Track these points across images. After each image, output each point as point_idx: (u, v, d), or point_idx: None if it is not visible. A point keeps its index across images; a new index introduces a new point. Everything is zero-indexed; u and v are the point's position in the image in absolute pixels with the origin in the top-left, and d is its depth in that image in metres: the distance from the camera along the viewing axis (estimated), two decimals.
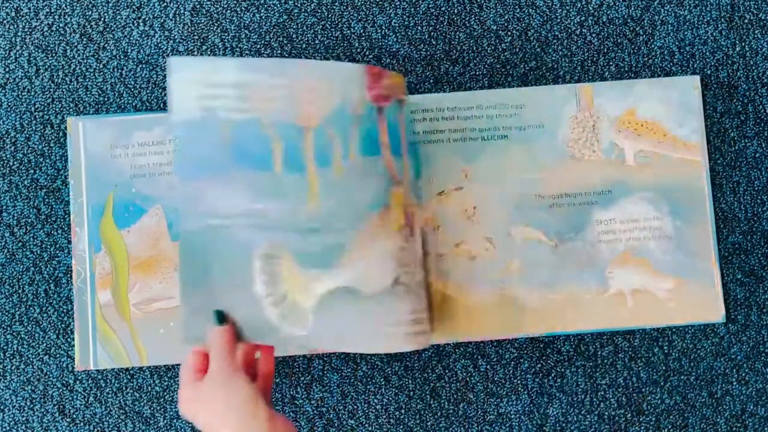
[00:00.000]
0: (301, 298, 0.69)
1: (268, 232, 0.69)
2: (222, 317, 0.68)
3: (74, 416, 0.81)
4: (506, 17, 0.86)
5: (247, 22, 0.85)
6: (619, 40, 0.86)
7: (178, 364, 0.81)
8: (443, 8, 0.86)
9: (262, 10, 0.85)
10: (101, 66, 0.84)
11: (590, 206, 0.83)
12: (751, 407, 0.83)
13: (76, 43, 0.84)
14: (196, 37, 0.85)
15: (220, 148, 0.69)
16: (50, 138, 0.84)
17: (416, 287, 0.72)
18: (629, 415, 0.83)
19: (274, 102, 0.69)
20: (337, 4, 0.86)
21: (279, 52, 0.85)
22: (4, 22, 0.84)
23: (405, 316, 0.71)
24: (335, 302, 0.70)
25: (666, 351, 0.83)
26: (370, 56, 0.85)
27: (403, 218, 0.71)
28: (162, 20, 0.85)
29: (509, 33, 0.86)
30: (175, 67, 0.69)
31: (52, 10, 0.85)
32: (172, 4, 0.85)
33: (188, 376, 0.67)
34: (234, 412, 0.63)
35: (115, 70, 0.84)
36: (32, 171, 0.83)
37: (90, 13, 0.85)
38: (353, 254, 0.69)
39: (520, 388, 0.83)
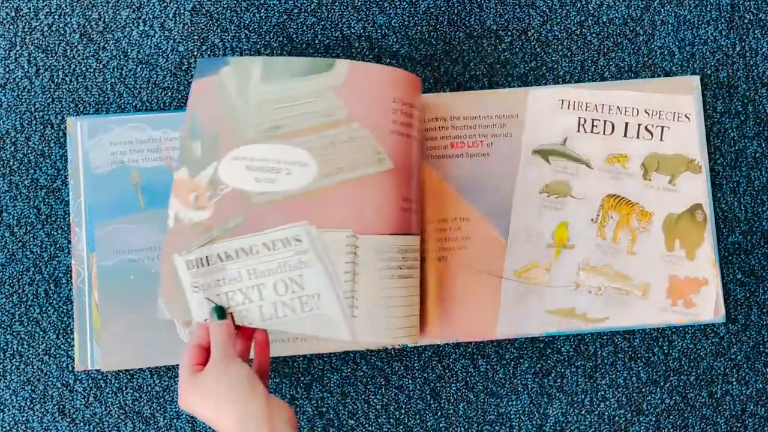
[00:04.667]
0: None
1: None
2: (222, 312, 0.72)
3: (74, 416, 0.81)
4: (506, 17, 0.86)
5: (247, 22, 0.85)
6: (619, 40, 0.86)
7: (177, 365, 0.81)
8: (443, 8, 0.86)
9: (262, 10, 0.85)
10: (101, 66, 0.84)
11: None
12: (751, 407, 0.83)
13: (76, 43, 0.84)
14: (196, 37, 0.85)
15: (131, 193, 0.81)
16: (50, 138, 0.84)
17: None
18: (629, 415, 0.83)
19: (176, 150, 0.82)
20: (337, 4, 0.86)
21: (279, 52, 0.85)
22: (4, 22, 0.84)
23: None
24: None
25: (666, 351, 0.83)
26: (370, 56, 0.85)
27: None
28: (162, 20, 0.85)
29: (509, 33, 0.86)
30: (91, 131, 0.81)
31: (52, 10, 0.85)
32: (172, 4, 0.85)
33: (188, 370, 0.69)
34: (234, 392, 0.66)
35: (115, 70, 0.84)
36: (32, 171, 0.83)
37: (90, 13, 0.85)
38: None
39: (520, 388, 0.83)
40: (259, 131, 0.75)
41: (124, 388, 0.82)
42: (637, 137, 0.84)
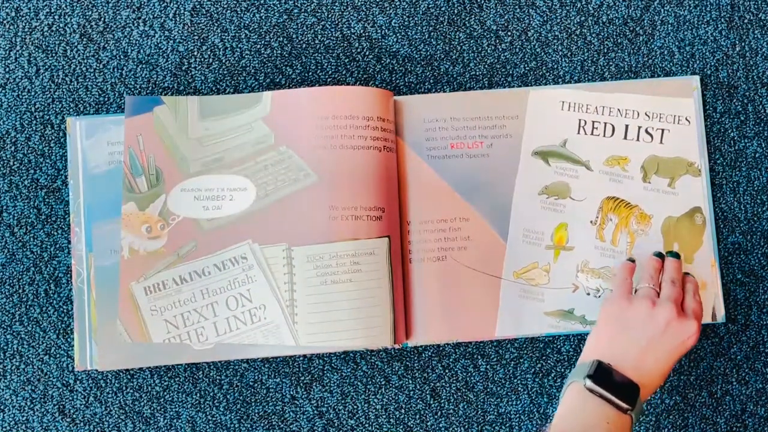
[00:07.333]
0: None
1: None
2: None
3: (74, 416, 0.82)
4: (506, 17, 0.86)
5: (247, 22, 0.85)
6: (619, 40, 0.86)
7: (178, 364, 0.81)
8: (443, 8, 0.86)
9: (262, 10, 0.85)
10: (101, 66, 0.84)
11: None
12: (751, 407, 0.83)
13: (76, 43, 0.84)
14: (196, 37, 0.85)
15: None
16: (50, 138, 0.84)
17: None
18: None
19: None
20: (337, 4, 0.86)
21: (279, 52, 0.85)
22: (4, 22, 0.84)
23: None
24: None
25: None
26: (370, 56, 0.85)
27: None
28: (162, 20, 0.85)
29: (509, 33, 0.86)
30: (88, 131, 0.82)
31: (52, 10, 0.85)
32: (172, 4, 0.85)
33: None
34: None
35: (115, 70, 0.84)
36: (32, 171, 0.83)
37: (90, 13, 0.85)
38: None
39: (520, 388, 0.83)
40: (202, 164, 0.82)
41: (124, 388, 0.82)
42: (637, 140, 0.84)
